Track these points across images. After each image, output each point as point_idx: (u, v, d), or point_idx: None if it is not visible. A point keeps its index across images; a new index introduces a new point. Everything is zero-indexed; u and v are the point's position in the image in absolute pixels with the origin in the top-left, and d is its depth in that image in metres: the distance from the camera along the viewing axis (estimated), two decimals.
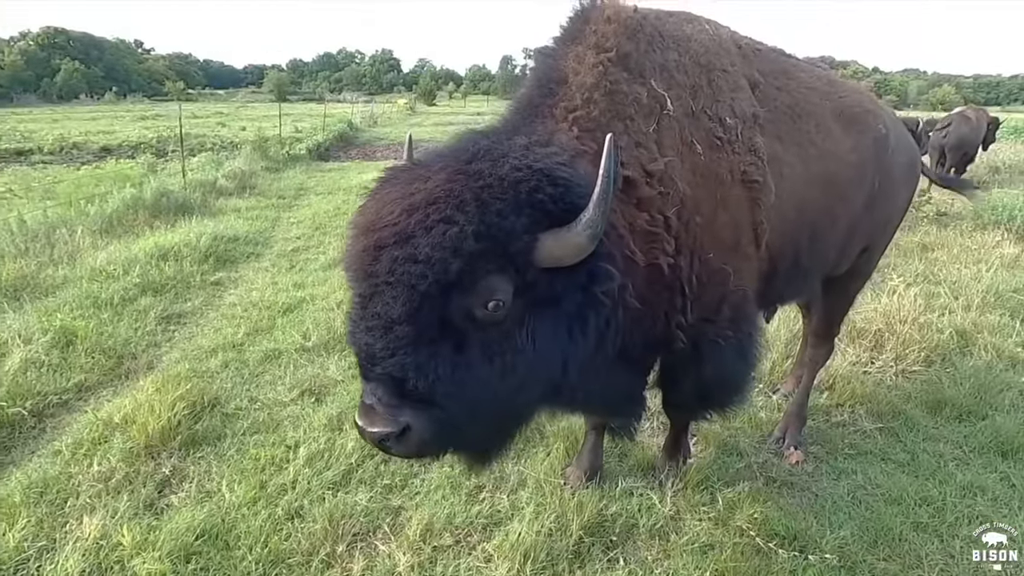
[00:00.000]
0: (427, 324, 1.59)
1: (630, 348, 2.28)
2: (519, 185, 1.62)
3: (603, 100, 2.00)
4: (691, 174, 2.17)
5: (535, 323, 1.72)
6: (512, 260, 1.61)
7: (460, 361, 1.64)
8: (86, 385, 4.07)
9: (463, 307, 1.61)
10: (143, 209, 8.70)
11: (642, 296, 2.14)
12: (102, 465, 3.05)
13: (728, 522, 2.77)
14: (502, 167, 1.65)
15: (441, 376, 1.61)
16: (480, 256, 1.55)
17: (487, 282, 1.59)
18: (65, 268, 6.26)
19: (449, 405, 1.64)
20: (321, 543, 2.59)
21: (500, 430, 1.93)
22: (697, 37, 2.30)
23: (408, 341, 1.58)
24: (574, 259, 1.65)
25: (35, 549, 2.49)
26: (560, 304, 1.75)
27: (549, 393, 2.00)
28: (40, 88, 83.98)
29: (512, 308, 1.66)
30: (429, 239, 1.53)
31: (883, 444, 3.48)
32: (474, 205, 1.57)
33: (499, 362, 1.68)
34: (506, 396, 1.74)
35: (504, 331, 1.68)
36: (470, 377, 1.65)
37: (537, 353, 1.74)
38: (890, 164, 2.88)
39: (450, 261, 1.52)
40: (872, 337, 4.58)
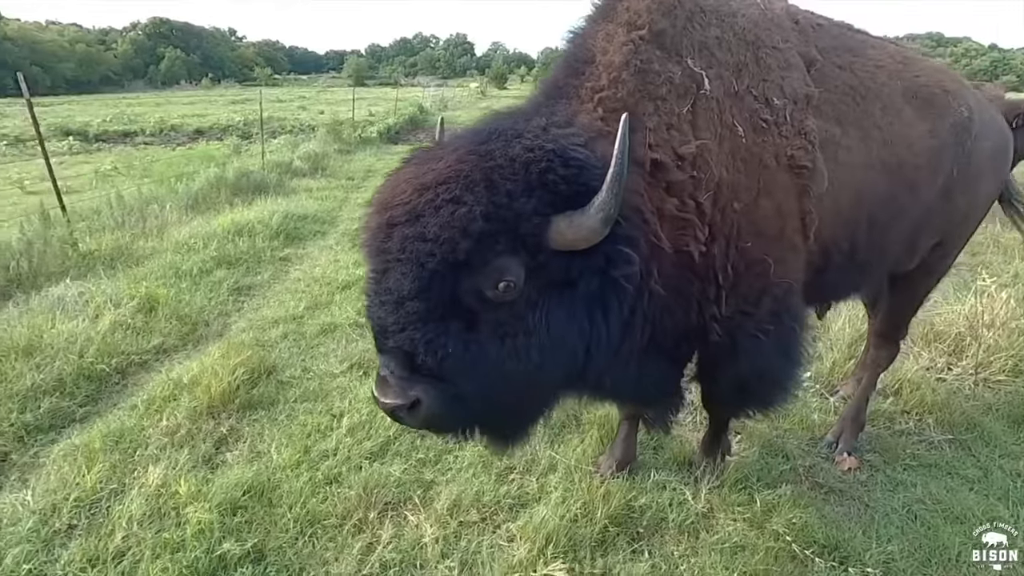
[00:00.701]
0: (437, 301, 1.61)
1: (660, 338, 2.22)
2: (530, 166, 1.61)
3: (632, 80, 1.92)
4: (730, 158, 2.05)
5: (550, 306, 1.70)
6: (523, 241, 1.59)
7: (471, 339, 1.65)
8: (163, 348, 4.45)
9: (473, 286, 1.61)
10: (225, 188, 9.32)
11: (671, 284, 2.06)
12: (169, 421, 3.34)
13: (764, 525, 2.66)
14: (514, 147, 1.63)
15: (451, 353, 1.63)
16: (489, 236, 1.55)
17: (497, 263, 1.59)
18: (154, 240, 6.85)
19: (459, 382, 1.66)
20: (355, 509, 2.72)
21: (518, 412, 1.93)
22: (745, 12, 2.16)
23: (418, 317, 1.61)
24: (588, 243, 1.61)
25: (107, 491, 2.78)
26: (577, 288, 1.71)
27: (573, 379, 1.98)
28: (147, 75, 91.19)
29: (525, 290, 1.65)
30: (438, 218, 1.55)
31: (951, 457, 3.20)
32: (483, 185, 1.57)
33: (511, 343, 1.68)
34: (520, 377, 1.73)
35: (516, 312, 1.67)
36: (481, 356, 1.66)
37: (553, 336, 1.72)
38: (972, 151, 2.60)
39: (458, 241, 1.53)
40: (952, 341, 4.20)
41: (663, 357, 2.35)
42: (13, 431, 3.27)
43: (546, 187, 1.60)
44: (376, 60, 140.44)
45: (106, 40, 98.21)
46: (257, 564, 2.42)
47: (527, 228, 1.58)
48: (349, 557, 2.47)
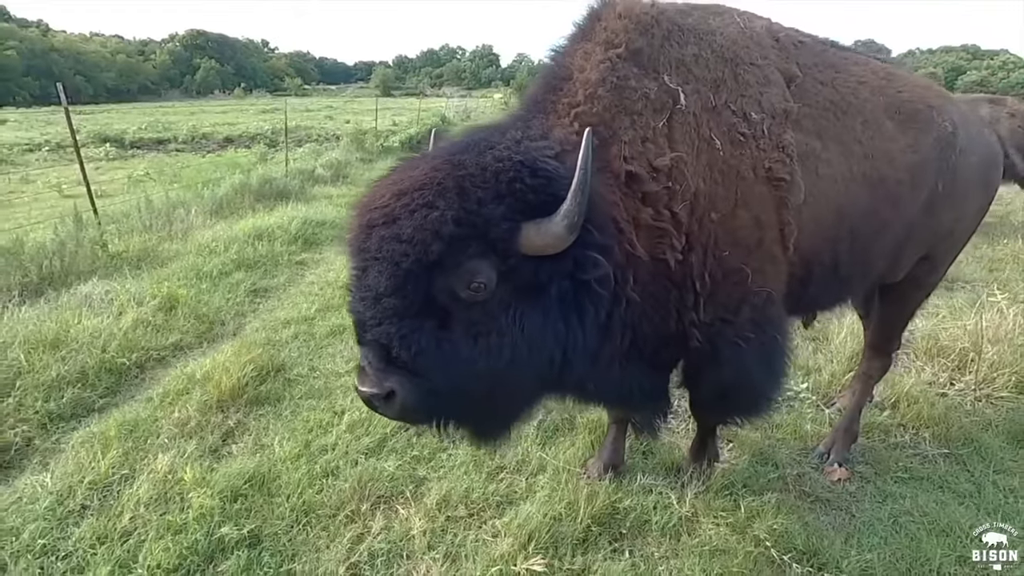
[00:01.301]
0: (412, 299, 1.71)
1: (641, 343, 2.30)
2: (500, 175, 1.72)
3: (608, 95, 2.02)
4: (708, 170, 2.13)
5: (524, 308, 1.80)
6: (492, 245, 1.70)
7: (444, 336, 1.75)
8: (181, 345, 4.66)
9: (447, 286, 1.72)
10: (249, 193, 9.66)
11: (648, 291, 2.15)
12: (181, 413, 3.51)
13: (746, 530, 2.69)
14: (486, 158, 1.76)
15: (424, 348, 1.72)
16: (460, 240, 1.66)
17: (468, 265, 1.69)
18: (178, 243, 7.14)
19: (432, 376, 1.75)
20: (348, 500, 2.84)
21: (494, 409, 2.02)
22: (723, 30, 2.24)
23: (394, 313, 1.71)
24: (556, 248, 1.71)
25: (119, 476, 2.95)
26: (549, 292, 1.82)
27: (552, 380, 2.07)
28: (183, 84, 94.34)
29: (498, 291, 1.76)
30: (412, 221, 1.66)
31: (945, 471, 3.19)
32: (455, 192, 1.69)
33: (483, 342, 1.78)
34: (493, 375, 1.82)
35: (489, 312, 1.77)
36: (454, 352, 1.76)
37: (527, 337, 1.82)
38: (957, 165, 2.63)
39: (430, 242, 1.65)
40: (956, 356, 4.16)
41: (645, 362, 2.42)
42: (37, 418, 3.49)
43: (514, 195, 1.71)
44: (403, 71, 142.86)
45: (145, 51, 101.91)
46: (252, 548, 2.55)
47: (496, 233, 1.69)
48: (339, 545, 2.58)
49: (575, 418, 3.55)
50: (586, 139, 1.67)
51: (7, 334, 4.16)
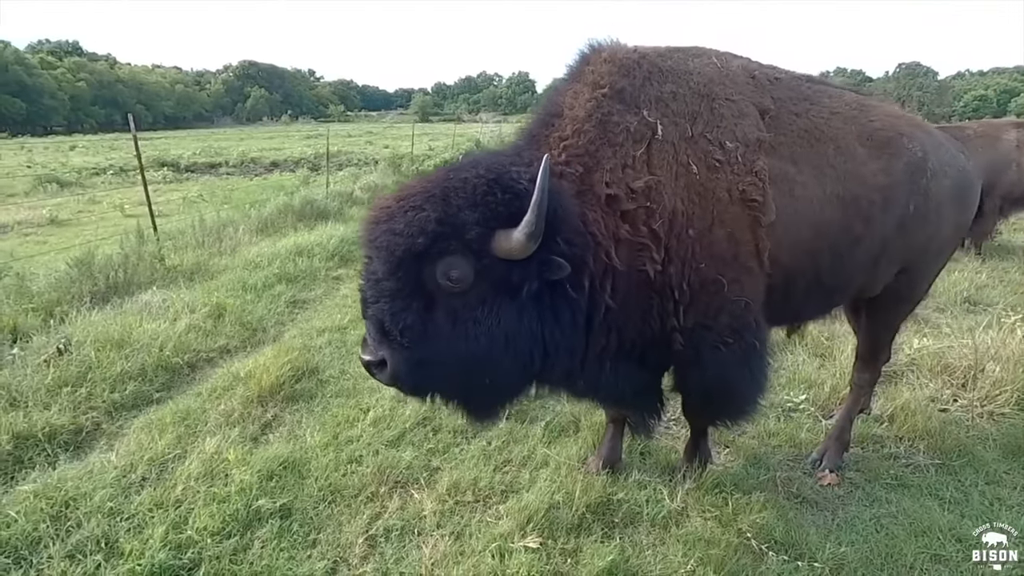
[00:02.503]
0: (403, 283, 2.11)
1: (628, 345, 2.59)
2: (476, 188, 2.10)
3: (593, 130, 2.37)
4: (686, 192, 2.43)
5: (501, 304, 2.16)
6: (468, 245, 2.06)
7: (428, 318, 2.13)
8: (227, 348, 5.14)
9: (432, 275, 2.10)
10: (292, 213, 10.32)
11: (631, 298, 2.45)
12: (226, 405, 3.94)
13: (731, 524, 2.90)
14: (469, 174, 2.15)
15: (410, 325, 2.11)
16: (440, 237, 2.05)
17: (447, 259, 2.08)
18: (227, 258, 7.75)
19: (416, 350, 2.13)
20: (369, 483, 3.18)
21: (480, 389, 2.34)
22: (701, 70, 2.56)
23: (388, 293, 2.12)
24: (521, 253, 2.05)
25: (173, 455, 3.37)
26: (524, 292, 2.16)
27: (536, 373, 2.40)
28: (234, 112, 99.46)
29: (476, 286, 2.12)
30: (405, 219, 2.08)
31: (935, 480, 3.31)
32: (440, 199, 2.09)
33: (461, 327, 2.14)
34: (474, 358, 2.18)
35: (468, 303, 2.14)
36: (436, 332, 2.14)
37: (503, 329, 2.17)
38: (929, 188, 2.84)
39: (417, 236, 2.04)
40: (961, 374, 4.25)
41: (634, 363, 2.70)
42: (104, 407, 3.97)
43: (487, 205, 2.08)
44: (441, 97, 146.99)
45: (201, 81, 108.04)
46: (284, 519, 2.90)
47: (470, 234, 2.05)
48: (359, 520, 2.91)
49: (580, 420, 3.82)
50: (543, 164, 2.01)
51: (81, 334, 4.71)
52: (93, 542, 2.67)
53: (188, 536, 2.71)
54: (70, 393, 3.95)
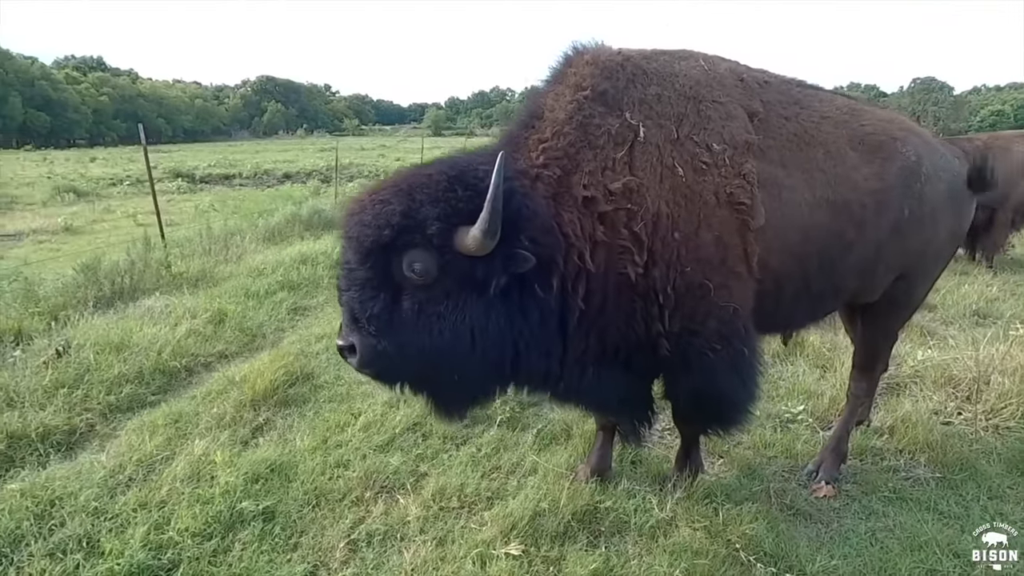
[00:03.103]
0: (372, 273, 2.18)
1: (612, 349, 2.56)
2: (438, 185, 2.17)
3: (573, 132, 2.36)
4: (671, 194, 2.40)
5: (467, 300, 2.19)
6: (429, 239, 2.11)
7: (395, 308, 2.20)
8: (226, 353, 5.17)
9: (398, 266, 2.16)
10: (299, 223, 10.44)
11: (611, 300, 2.42)
12: (219, 409, 3.95)
13: (720, 534, 2.83)
14: (435, 172, 2.21)
15: (376, 314, 2.18)
16: (405, 229, 2.11)
17: (411, 252, 2.14)
18: (232, 265, 7.83)
19: (382, 339, 2.20)
20: (355, 488, 3.15)
21: (449, 384, 2.36)
22: (687, 72, 2.55)
23: (358, 283, 2.20)
24: (480, 249, 2.07)
25: (161, 456, 3.38)
26: (490, 290, 2.17)
27: (510, 372, 2.41)
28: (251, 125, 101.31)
29: (440, 280, 2.17)
30: (374, 211, 2.15)
31: (935, 494, 3.21)
32: (405, 194, 2.16)
33: (425, 320, 2.19)
34: (439, 352, 2.21)
35: (433, 297, 2.19)
36: (400, 323, 2.19)
37: (469, 325, 2.19)
38: (923, 193, 2.79)
39: (383, 228, 2.11)
40: (965, 386, 4.14)
41: (619, 368, 2.67)
42: (100, 408, 4.00)
43: (447, 202, 2.13)
44: (455, 112, 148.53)
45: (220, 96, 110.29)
46: (267, 522, 2.88)
47: (432, 229, 2.10)
48: (342, 524, 2.89)
49: (572, 428, 3.77)
50: (499, 162, 2.04)
51: (82, 337, 4.76)
52: (75, 541, 2.67)
53: (169, 537, 2.70)
54: (66, 395, 3.99)
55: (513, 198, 2.14)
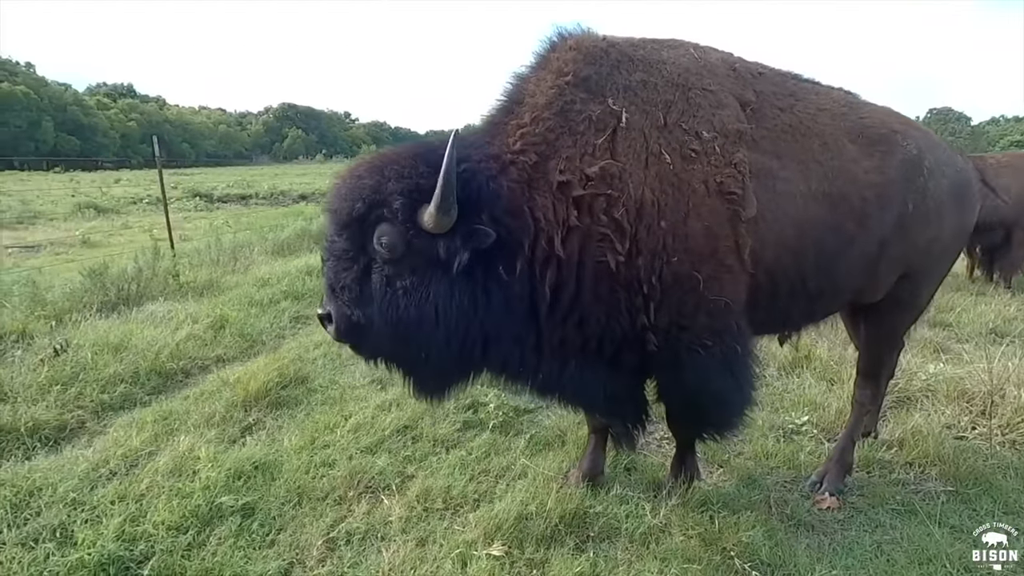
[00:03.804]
0: (348, 245, 2.28)
1: (594, 342, 2.49)
2: (404, 163, 2.25)
3: (553, 118, 2.34)
4: (657, 181, 2.35)
5: (432, 278, 2.23)
6: (395, 214, 2.18)
7: (365, 281, 2.28)
8: (224, 357, 5.15)
9: (370, 241, 2.23)
10: (308, 237, 10.54)
11: (586, 289, 2.36)
12: (209, 408, 3.91)
13: (715, 542, 2.69)
14: (404, 151, 2.31)
15: (348, 285, 2.28)
16: (373, 204, 2.20)
17: (380, 226, 2.22)
18: (239, 276, 7.90)
19: (355, 309, 2.29)
20: (338, 487, 3.07)
21: (420, 361, 2.38)
22: (676, 60, 2.52)
23: (335, 254, 2.31)
24: (436, 227, 2.13)
25: (146, 452, 3.34)
26: (453, 266, 2.19)
27: (485, 356, 2.41)
28: (271, 150, 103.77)
29: (408, 257, 2.22)
30: (348, 186, 2.27)
31: (947, 508, 3.03)
32: (377, 171, 2.26)
33: (391, 294, 2.25)
34: (407, 327, 2.25)
35: (400, 272, 2.25)
36: (369, 296, 2.27)
37: (433, 302, 2.23)
38: (927, 187, 2.71)
39: (356, 201, 2.21)
40: (980, 400, 3.97)
41: (604, 363, 2.58)
42: (92, 406, 3.98)
43: (411, 179, 2.20)
44: None
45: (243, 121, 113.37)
46: (247, 517, 2.81)
47: (396, 204, 2.18)
48: (322, 522, 2.80)
49: (565, 435, 3.66)
50: (450, 140, 2.08)
51: (81, 338, 4.78)
52: (49, 531, 2.62)
53: (144, 529, 2.64)
54: (60, 392, 3.98)
55: (474, 178, 2.20)
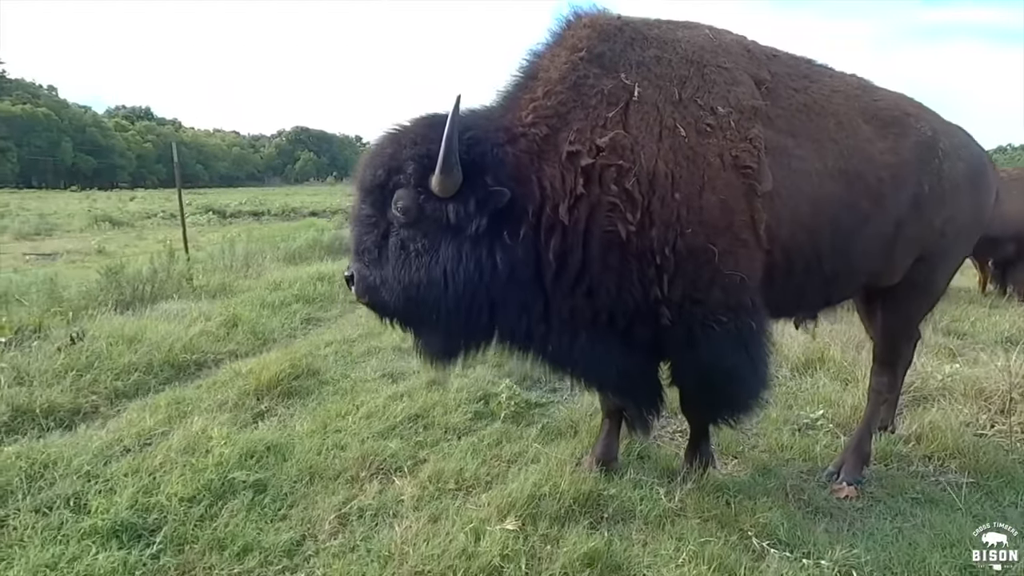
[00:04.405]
0: (370, 211, 2.45)
1: (603, 312, 2.49)
2: (418, 131, 2.42)
3: (565, 92, 2.41)
4: (671, 154, 2.38)
5: (442, 241, 2.34)
6: (409, 179, 2.34)
7: (383, 245, 2.43)
8: (236, 352, 5.18)
9: (389, 206, 2.39)
10: (320, 248, 10.68)
11: (595, 259, 2.39)
12: (222, 395, 3.93)
13: (732, 524, 2.65)
14: (421, 121, 2.46)
15: (368, 248, 2.45)
16: (391, 171, 2.37)
17: (397, 192, 2.37)
18: (251, 280, 7.98)
19: (373, 271, 2.46)
20: (350, 468, 3.06)
21: (430, 323, 2.47)
22: (690, 39, 2.57)
23: (359, 219, 2.48)
24: (443, 190, 2.26)
25: (159, 432, 3.35)
26: (464, 231, 2.30)
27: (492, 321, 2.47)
28: (284, 172, 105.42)
29: (420, 220, 2.37)
30: (373, 157, 2.46)
31: (969, 498, 2.96)
32: (396, 140, 2.44)
33: (404, 256, 2.38)
34: (418, 288, 2.36)
35: (413, 235, 2.38)
36: (385, 258, 2.42)
37: (442, 264, 2.34)
38: (942, 169, 2.73)
39: (377, 169, 2.39)
40: (998, 399, 3.91)
41: (617, 338, 2.58)
42: (106, 392, 4.00)
43: (423, 145, 2.33)
44: None
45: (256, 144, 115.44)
46: (259, 492, 2.80)
47: (409, 169, 2.34)
48: (334, 498, 2.78)
49: (578, 425, 3.64)
50: (454, 105, 2.20)
51: (96, 330, 4.83)
52: (63, 500, 2.61)
53: (157, 500, 2.63)
54: (75, 377, 4.01)
55: (479, 144, 2.31)
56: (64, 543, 2.32)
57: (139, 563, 2.29)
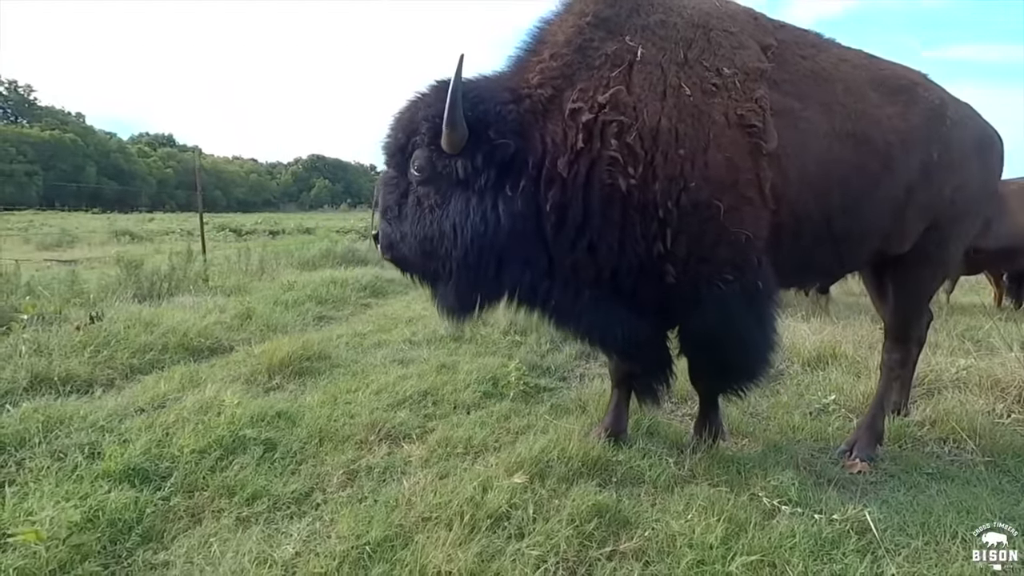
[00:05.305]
0: (394, 172, 2.65)
1: (607, 269, 2.53)
2: (432, 95, 2.57)
3: (571, 55, 2.51)
4: (675, 111, 2.43)
5: (453, 196, 2.48)
6: (423, 139, 2.49)
7: (403, 203, 2.61)
8: (249, 340, 5.22)
9: (408, 167, 2.55)
10: (333, 257, 10.80)
11: (595, 212, 2.43)
12: (235, 372, 3.98)
13: (743, 488, 2.61)
14: (437, 84, 2.58)
15: (390, 206, 2.64)
16: (410, 133, 2.54)
17: (416, 152, 2.53)
18: (266, 282, 8.09)
19: (393, 229, 2.65)
20: (359, 432, 3.07)
21: (445, 275, 2.58)
22: (695, 5, 2.65)
23: (384, 180, 2.70)
24: (450, 145, 2.38)
25: (173, 397, 3.40)
26: (472, 188, 2.42)
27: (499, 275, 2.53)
28: (299, 199, 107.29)
29: (433, 178, 2.50)
30: (395, 119, 2.64)
31: (986, 475, 2.91)
32: (414, 104, 2.60)
33: (419, 212, 2.55)
34: (427, 240, 2.53)
35: (427, 192, 2.53)
36: (404, 215, 2.60)
37: (453, 220, 2.45)
38: (951, 137, 2.77)
39: (400, 132, 2.58)
40: (1015, 388, 3.85)
41: (624, 298, 2.61)
42: (122, 367, 4.07)
43: (434, 107, 2.45)
44: None
45: (273, 171, 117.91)
46: (268, 450, 2.82)
47: (423, 129, 2.49)
48: (342, 456, 2.80)
49: (587, 404, 3.63)
50: (458, 63, 2.31)
51: (115, 314, 4.94)
52: (78, 447, 2.66)
53: (169, 451, 2.67)
54: (93, 352, 4.09)
55: (484, 102, 2.42)
56: (78, 482, 2.36)
57: (149, 502, 2.31)
